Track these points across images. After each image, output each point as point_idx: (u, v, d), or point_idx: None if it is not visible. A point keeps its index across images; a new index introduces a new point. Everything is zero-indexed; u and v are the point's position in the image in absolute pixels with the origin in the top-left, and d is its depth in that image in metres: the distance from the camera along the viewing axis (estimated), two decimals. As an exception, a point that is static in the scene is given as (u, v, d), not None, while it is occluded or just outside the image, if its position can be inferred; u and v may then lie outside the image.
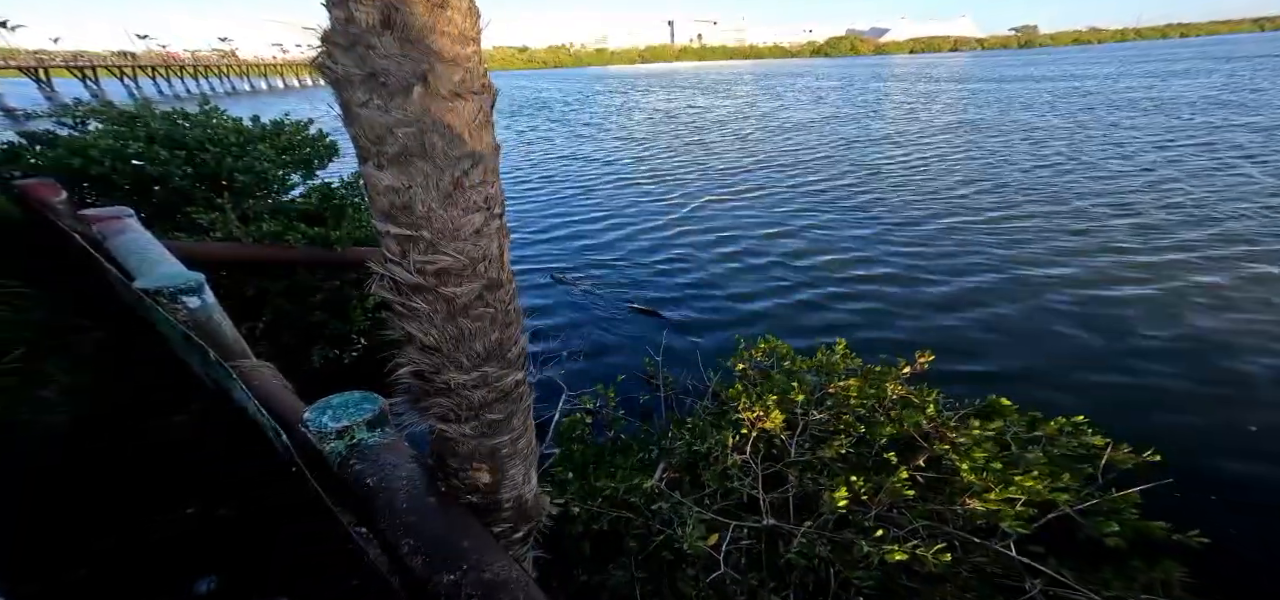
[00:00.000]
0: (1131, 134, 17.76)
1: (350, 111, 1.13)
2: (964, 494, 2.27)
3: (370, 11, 1.02)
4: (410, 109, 1.10)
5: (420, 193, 1.22)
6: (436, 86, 1.11)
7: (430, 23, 1.06)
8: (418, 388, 1.66)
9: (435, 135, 1.15)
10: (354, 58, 1.05)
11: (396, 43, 1.04)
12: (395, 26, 1.03)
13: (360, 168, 1.25)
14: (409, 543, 1.82)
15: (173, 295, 3.27)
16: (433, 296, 1.42)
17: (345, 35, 1.05)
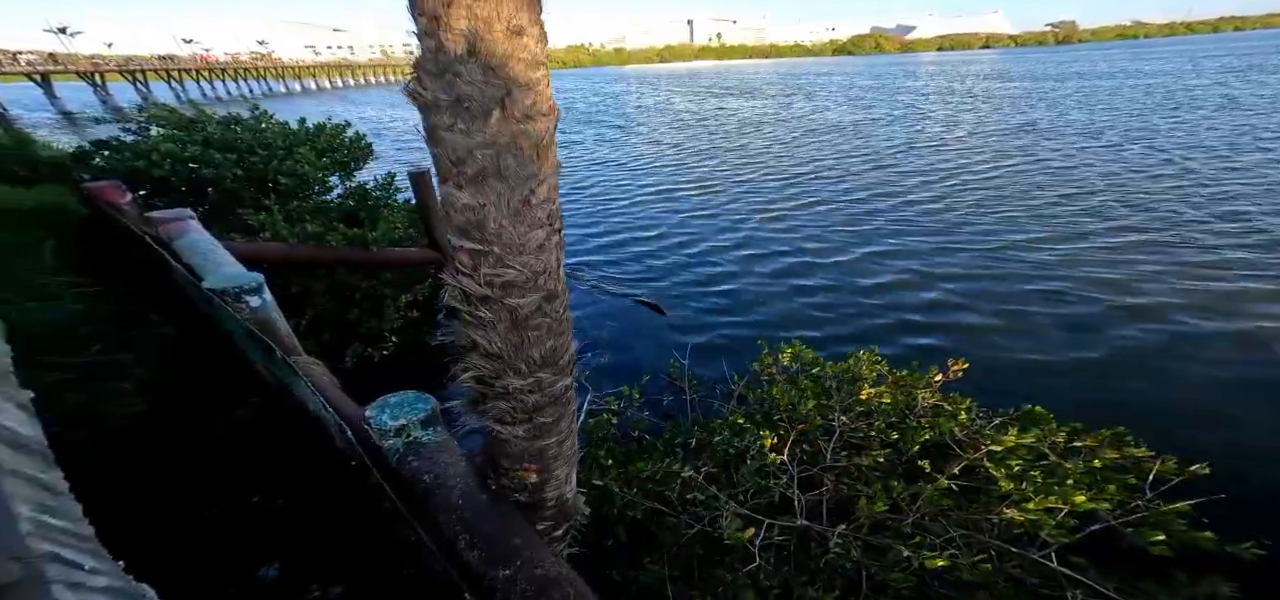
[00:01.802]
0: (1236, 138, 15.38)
1: (435, 134, 1.24)
2: (1000, 502, 2.28)
3: (458, 41, 1.12)
4: (489, 131, 1.20)
5: (492, 210, 1.32)
6: (512, 110, 1.21)
7: (509, 50, 1.16)
8: (478, 392, 1.78)
9: (509, 156, 1.25)
10: (442, 84, 1.16)
11: (480, 70, 1.14)
12: (479, 54, 1.13)
13: (440, 188, 1.37)
14: (465, 538, 1.95)
15: (237, 295, 3.50)
16: (498, 307, 1.53)
17: (435, 63, 1.15)
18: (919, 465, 2.71)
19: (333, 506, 2.96)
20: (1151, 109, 22.49)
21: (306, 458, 3.12)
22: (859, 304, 7.60)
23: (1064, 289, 7.52)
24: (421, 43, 1.17)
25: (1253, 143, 15.03)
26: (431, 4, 1.10)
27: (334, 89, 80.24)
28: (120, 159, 5.96)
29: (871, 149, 17.93)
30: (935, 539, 2.14)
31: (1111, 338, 6.28)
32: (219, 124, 6.86)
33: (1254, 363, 5.51)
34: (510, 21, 1.14)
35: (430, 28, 1.13)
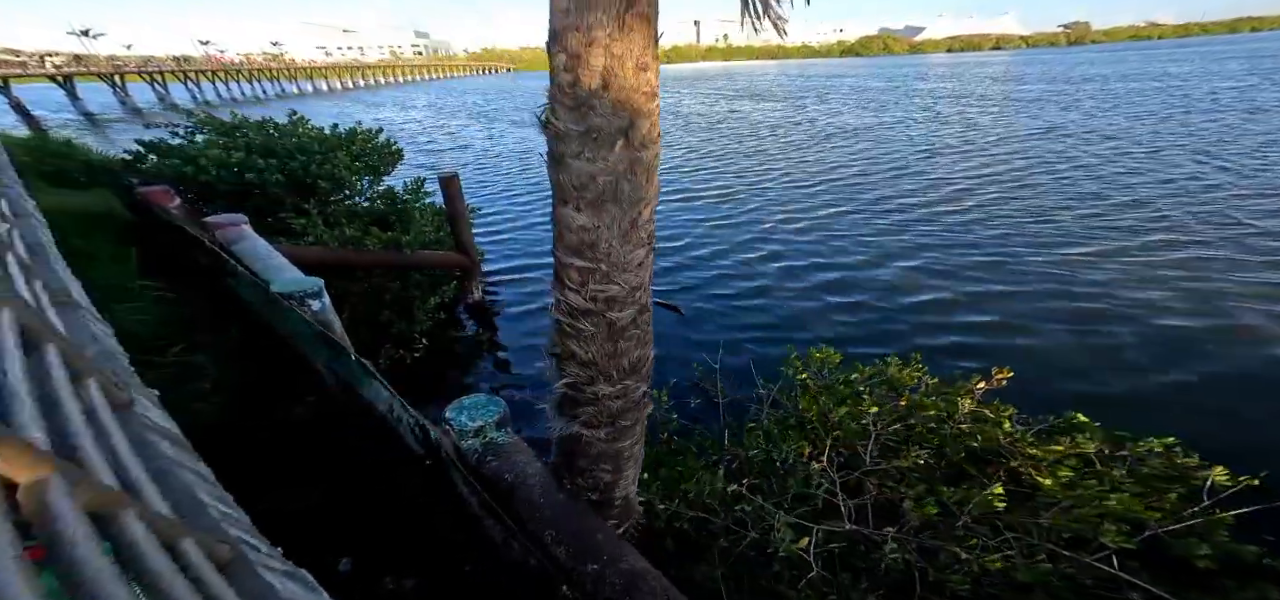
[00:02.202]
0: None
1: (562, 162, 1.37)
2: (1049, 508, 2.38)
3: (594, 77, 1.25)
4: (612, 159, 1.33)
5: (605, 231, 1.45)
6: (633, 138, 1.34)
7: (636, 84, 1.29)
8: (568, 398, 1.91)
9: (625, 182, 1.38)
10: (575, 116, 1.29)
11: (611, 103, 1.27)
12: (611, 88, 1.26)
13: (557, 210, 1.50)
14: (551, 534, 2.09)
15: (301, 299, 3.67)
16: (598, 320, 1.66)
17: (572, 97, 1.28)
18: (965, 470, 2.81)
19: (397, 502, 3.10)
20: (1176, 112, 22.06)
21: (372, 455, 3.26)
22: (885, 310, 7.57)
23: (1098, 294, 7.45)
24: (557, 78, 1.31)
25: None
26: (573, 44, 1.23)
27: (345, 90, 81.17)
28: (168, 163, 6.19)
29: (892, 154, 17.75)
30: (990, 541, 2.25)
31: (1154, 348, 6.20)
32: (257, 128, 7.08)
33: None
34: (639, 58, 1.27)
35: (570, 65, 1.27)
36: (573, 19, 1.19)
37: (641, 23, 1.22)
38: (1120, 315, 6.91)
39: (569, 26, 1.20)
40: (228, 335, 3.96)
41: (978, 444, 2.91)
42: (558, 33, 1.24)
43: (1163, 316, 6.80)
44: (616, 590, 1.82)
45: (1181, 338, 6.39)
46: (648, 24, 1.25)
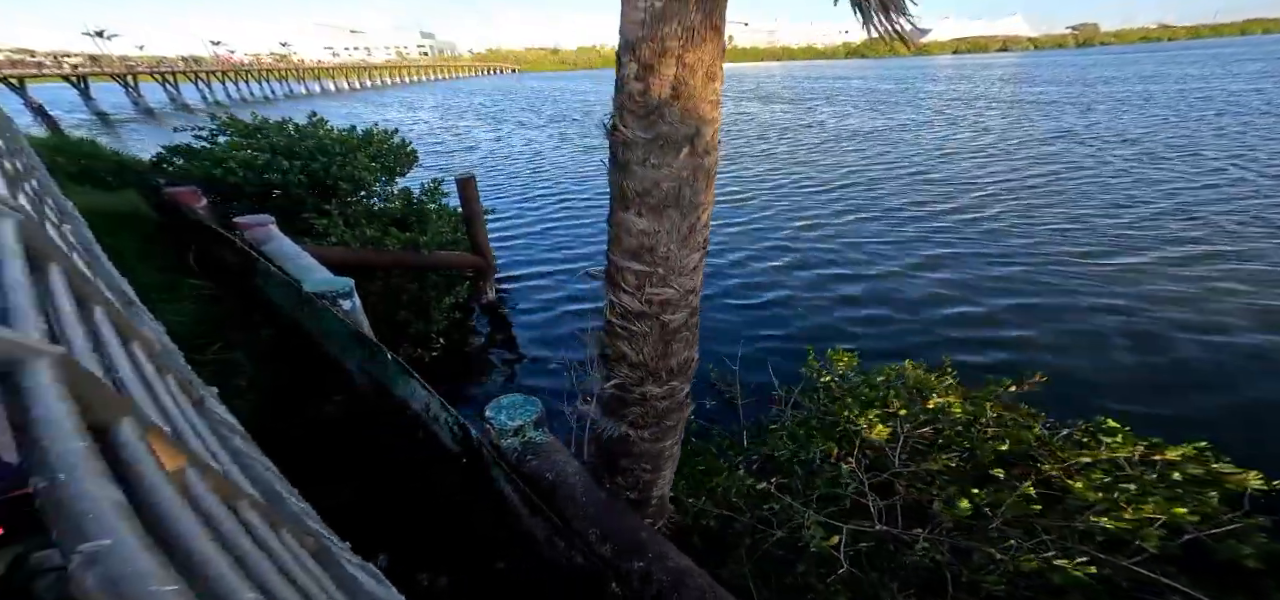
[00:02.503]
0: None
1: (627, 168, 1.41)
2: (1080, 511, 2.40)
3: (664, 86, 1.30)
4: (677, 166, 1.38)
5: (665, 236, 1.50)
6: (698, 145, 1.38)
7: (705, 93, 1.33)
8: (617, 398, 1.96)
9: (687, 187, 1.43)
10: (644, 124, 1.33)
11: (680, 111, 1.31)
12: (681, 97, 1.30)
13: (615, 215, 1.55)
14: (596, 532, 2.14)
15: (333, 298, 3.74)
16: (652, 322, 1.71)
17: (642, 105, 1.32)
18: (993, 473, 2.83)
19: (432, 499, 3.15)
20: (1206, 114, 21.61)
21: (405, 452, 3.32)
22: (907, 320, 7.43)
23: (1124, 303, 7.32)
24: (627, 87, 1.35)
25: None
26: (646, 54, 1.28)
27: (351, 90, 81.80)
28: (196, 165, 6.29)
29: (908, 157, 17.48)
30: (1025, 543, 2.27)
31: (1180, 353, 6.11)
32: (278, 129, 7.19)
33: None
34: (709, 68, 1.32)
35: (641, 74, 1.31)
36: (647, 30, 1.23)
37: (714, 34, 1.26)
38: (1161, 329, 6.64)
39: (643, 38, 1.25)
40: (259, 334, 4.03)
41: (1006, 447, 2.93)
42: (631, 43, 1.28)
43: (1218, 332, 6.49)
44: (664, 587, 1.87)
45: (1234, 352, 6.17)
46: (719, 35, 1.29)
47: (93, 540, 0.43)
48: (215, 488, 0.93)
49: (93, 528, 0.44)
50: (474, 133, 28.15)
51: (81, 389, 0.75)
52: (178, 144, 6.89)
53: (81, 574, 0.40)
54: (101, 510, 0.46)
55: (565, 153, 21.34)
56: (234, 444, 1.59)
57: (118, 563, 0.41)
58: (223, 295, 4.63)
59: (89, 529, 0.44)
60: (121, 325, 1.57)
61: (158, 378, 1.48)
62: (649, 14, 1.22)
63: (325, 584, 1.05)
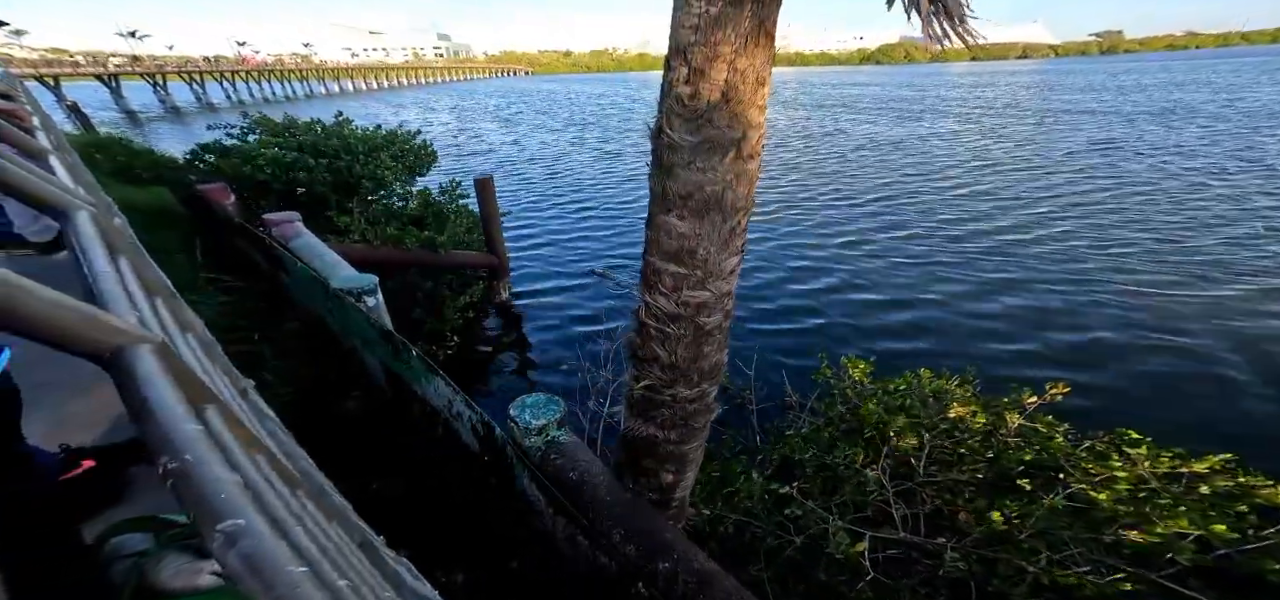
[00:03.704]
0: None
1: (671, 171, 1.43)
2: (1107, 524, 2.37)
3: (714, 91, 1.32)
4: (721, 169, 1.40)
5: (705, 239, 1.52)
6: (743, 149, 1.40)
7: (753, 98, 1.35)
8: (646, 400, 1.98)
9: (730, 191, 1.44)
10: (691, 127, 1.35)
11: (728, 115, 1.33)
12: (731, 102, 1.32)
13: (655, 218, 1.57)
14: (620, 532, 2.16)
15: (358, 295, 3.83)
16: (686, 324, 1.73)
17: (690, 109, 1.34)
18: (1019, 484, 2.80)
19: (452, 497, 3.20)
20: (1248, 127, 20.37)
21: (426, 450, 3.37)
22: (947, 346, 6.95)
23: (1183, 325, 6.73)
24: (675, 91, 1.37)
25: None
26: (698, 59, 1.30)
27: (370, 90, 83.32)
28: (227, 162, 6.47)
29: (938, 168, 16.51)
30: (1054, 555, 2.25)
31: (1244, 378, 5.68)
32: (305, 128, 7.36)
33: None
34: (759, 73, 1.34)
35: (691, 79, 1.33)
36: (701, 36, 1.25)
37: (767, 40, 1.28)
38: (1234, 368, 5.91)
39: (695, 43, 1.27)
40: (286, 329, 4.13)
41: (1031, 458, 2.89)
42: (682, 48, 1.31)
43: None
44: (691, 588, 1.88)
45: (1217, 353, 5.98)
46: (771, 41, 1.31)
47: (227, 520, 0.46)
48: (283, 477, 0.97)
49: (225, 508, 0.47)
50: (490, 135, 28.31)
51: (178, 374, 0.80)
52: (209, 142, 7.09)
53: (224, 552, 0.44)
54: (231, 492, 0.50)
55: (581, 156, 21.21)
56: (279, 436, 1.64)
57: (254, 542, 0.44)
58: (248, 289, 4.76)
59: (222, 509, 0.48)
60: (178, 315, 1.64)
61: (212, 366, 1.54)
62: (703, 19, 1.24)
63: (373, 576, 1.09)
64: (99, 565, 1.03)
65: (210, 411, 0.81)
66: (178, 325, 1.51)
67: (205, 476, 0.51)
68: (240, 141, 7.04)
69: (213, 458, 0.56)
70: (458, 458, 3.14)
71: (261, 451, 0.93)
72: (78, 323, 0.74)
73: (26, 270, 1.68)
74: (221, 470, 0.54)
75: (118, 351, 0.75)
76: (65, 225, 1.53)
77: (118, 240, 1.71)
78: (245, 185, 6.39)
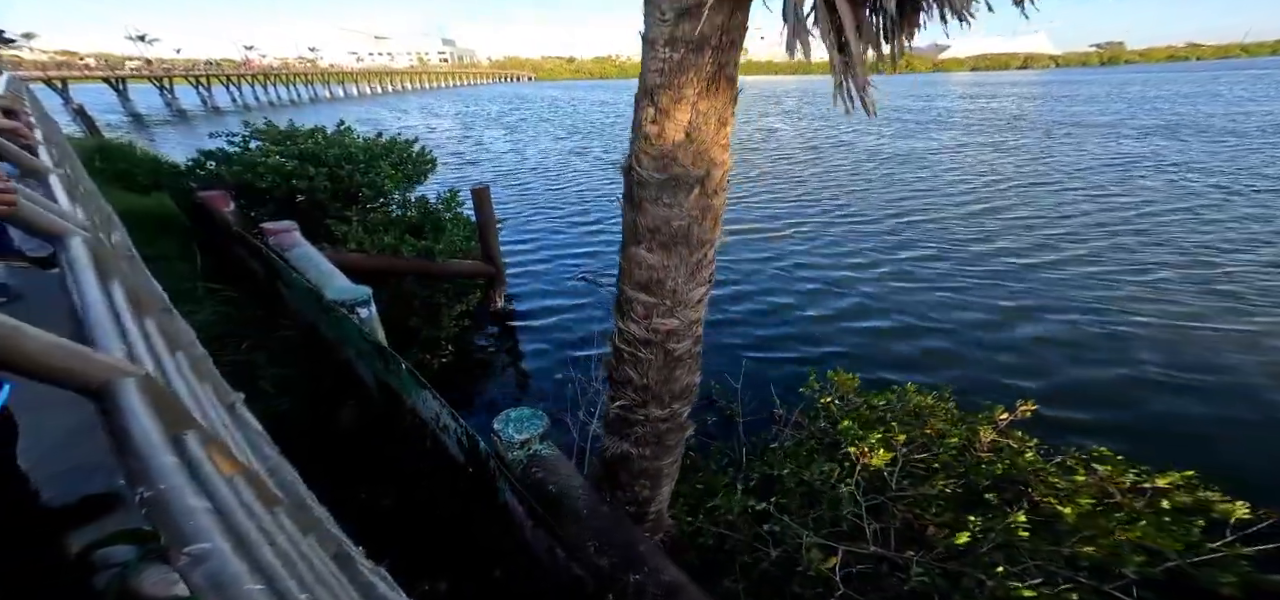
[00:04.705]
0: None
1: (640, 206, 1.53)
2: (1070, 537, 2.44)
3: (679, 131, 1.41)
4: (688, 205, 1.49)
5: (674, 271, 1.61)
6: (708, 186, 1.50)
7: (716, 137, 1.44)
8: (621, 418, 2.06)
9: (696, 226, 1.54)
10: (658, 165, 1.45)
11: (692, 154, 1.42)
12: (695, 141, 1.42)
13: (627, 249, 1.67)
14: (595, 544, 2.24)
15: (351, 307, 3.92)
16: (657, 350, 1.82)
17: (656, 148, 1.44)
18: (986, 498, 2.88)
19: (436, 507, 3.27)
20: (1265, 142, 19.72)
21: (413, 461, 3.45)
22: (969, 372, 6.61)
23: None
24: (644, 130, 1.47)
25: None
26: (664, 101, 1.39)
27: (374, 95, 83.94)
28: (229, 170, 6.59)
29: (949, 182, 15.94)
30: (1014, 568, 2.32)
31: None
32: (307, 136, 7.48)
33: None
34: (721, 114, 1.43)
35: (658, 119, 1.44)
36: (665, 80, 1.35)
37: (727, 84, 1.38)
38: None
39: (661, 86, 1.37)
40: (282, 338, 4.22)
41: (1000, 472, 2.97)
42: (650, 90, 1.40)
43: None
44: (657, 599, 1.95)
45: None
46: (732, 85, 1.40)
47: (194, 543, 0.55)
48: (260, 495, 1.06)
49: (193, 533, 0.56)
50: (491, 144, 28.19)
51: (160, 403, 0.89)
52: (212, 149, 7.21)
53: (190, 572, 0.52)
54: (198, 518, 0.59)
55: (583, 165, 21.02)
56: (263, 449, 1.73)
57: (218, 563, 0.53)
58: (243, 298, 4.85)
59: (190, 534, 0.57)
60: (169, 334, 1.73)
61: (199, 385, 1.63)
62: (668, 64, 1.34)
63: (347, 589, 1.17)
64: (85, 574, 1.12)
65: (190, 438, 0.90)
66: (168, 346, 1.60)
67: (176, 504, 0.60)
68: (242, 149, 7.16)
69: (186, 486, 0.65)
70: (445, 469, 3.21)
71: (240, 471, 1.02)
72: (68, 360, 0.84)
73: (25, 284, 1.81)
74: (193, 498, 0.63)
75: (104, 386, 0.84)
76: (59, 250, 1.62)
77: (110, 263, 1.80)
78: (245, 192, 6.51)
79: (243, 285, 5.28)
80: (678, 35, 1.30)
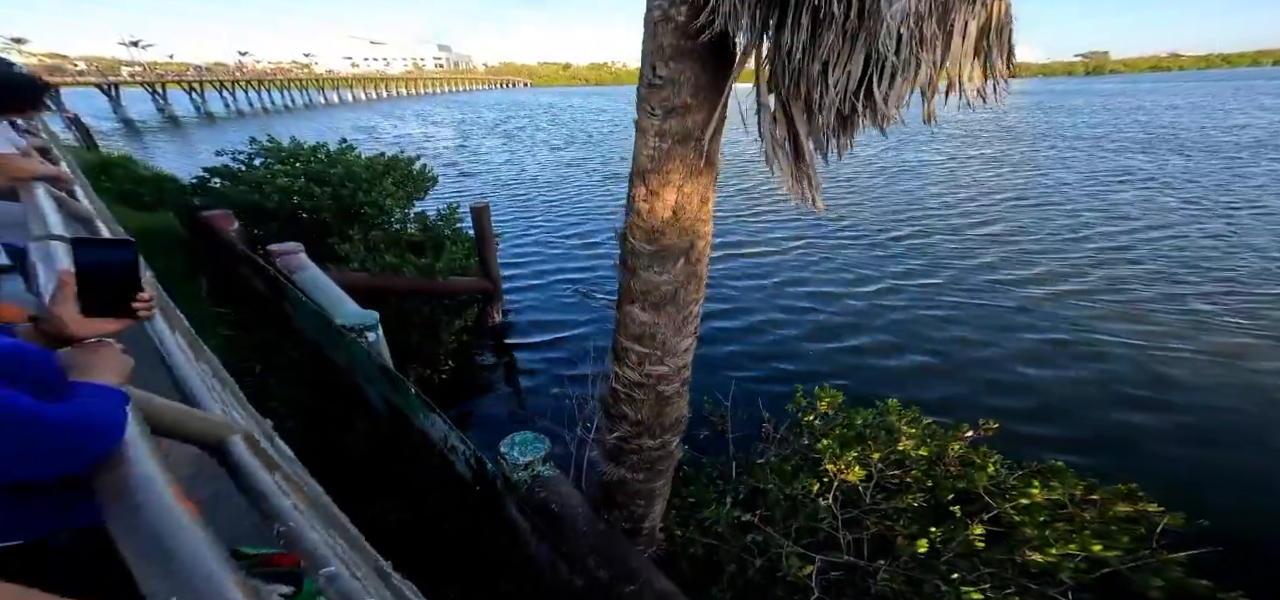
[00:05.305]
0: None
1: (634, 272, 1.79)
2: (1023, 546, 2.71)
3: (666, 209, 1.67)
4: (675, 272, 1.75)
5: (663, 327, 1.87)
6: (692, 255, 1.75)
7: (699, 213, 1.71)
8: (618, 448, 2.31)
9: (682, 289, 1.80)
10: (648, 237, 1.71)
11: (678, 229, 1.68)
12: (680, 218, 1.67)
13: (623, 307, 1.92)
14: (594, 558, 2.48)
15: (360, 332, 4.14)
16: (650, 391, 2.07)
17: (646, 223, 1.70)
18: (951, 510, 3.15)
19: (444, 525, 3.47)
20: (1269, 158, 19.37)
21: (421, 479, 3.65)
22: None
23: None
24: (636, 206, 1.73)
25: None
26: (654, 183, 1.66)
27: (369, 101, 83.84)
28: (234, 188, 6.77)
29: (948, 201, 15.61)
30: (970, 576, 2.59)
31: None
32: (310, 154, 7.67)
33: None
34: (703, 194, 1.70)
35: (648, 198, 1.70)
36: (655, 165, 1.61)
37: (709, 168, 1.64)
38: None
39: (651, 170, 1.63)
40: (290, 360, 4.42)
41: (964, 487, 3.25)
42: (642, 172, 1.66)
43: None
44: (650, 606, 2.19)
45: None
46: (713, 167, 1.67)
47: (326, 567, 0.80)
48: (324, 519, 1.31)
49: (323, 559, 0.81)
50: (489, 155, 27.72)
51: (256, 450, 1.15)
52: (216, 166, 7.39)
53: (328, 589, 0.76)
54: (321, 548, 0.84)
55: (581, 178, 20.84)
56: (302, 475, 1.96)
57: (344, 583, 0.77)
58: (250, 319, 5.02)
59: (320, 559, 0.81)
60: (237, 396, 1.98)
61: (243, 416, 1.87)
62: (657, 152, 1.60)
63: (387, 598, 1.41)
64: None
65: (278, 477, 1.15)
66: (238, 406, 1.84)
67: (304, 536, 0.85)
68: (246, 166, 7.33)
69: (302, 521, 0.90)
70: (452, 486, 3.43)
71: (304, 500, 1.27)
72: (194, 422, 1.09)
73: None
74: (311, 531, 0.88)
75: (221, 443, 1.09)
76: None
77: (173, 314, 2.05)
78: (250, 211, 6.68)
79: (248, 305, 5.46)
80: (666, 128, 1.56)
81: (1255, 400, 6.36)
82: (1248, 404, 6.30)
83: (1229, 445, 5.63)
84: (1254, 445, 5.63)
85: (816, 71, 1.21)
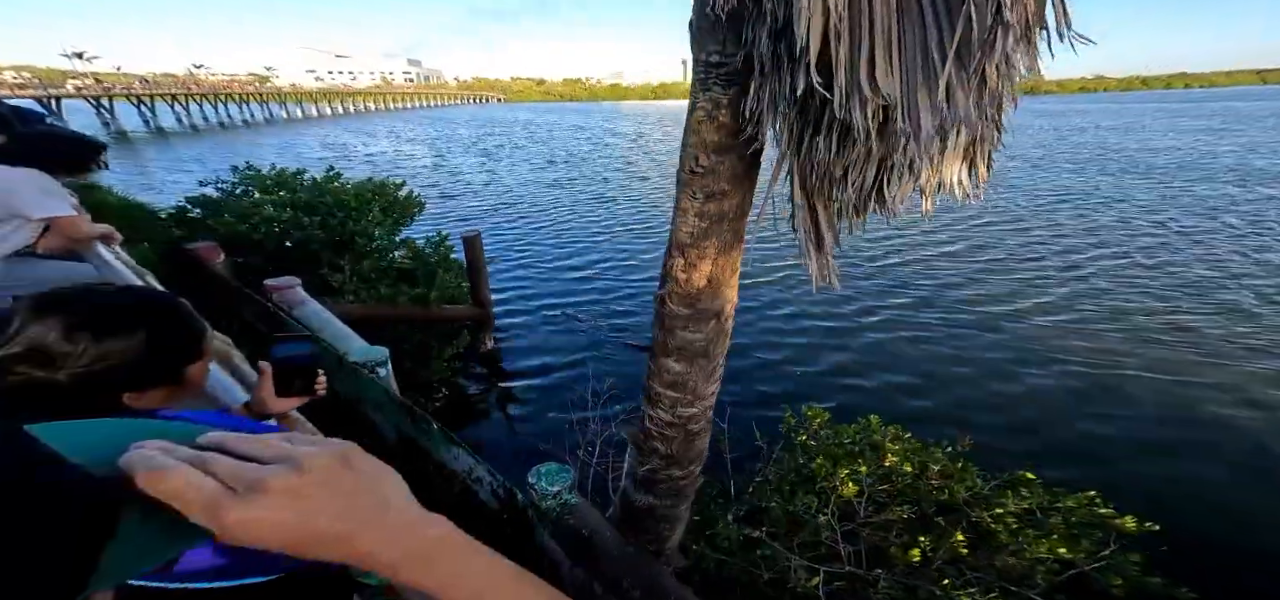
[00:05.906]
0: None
1: (671, 331, 2.04)
2: (1002, 552, 3.08)
3: (702, 279, 1.92)
4: (707, 331, 2.01)
5: (694, 375, 2.12)
6: (722, 314, 2.01)
7: (731, 282, 1.97)
8: (649, 479, 2.53)
9: (713, 345, 2.05)
10: (685, 303, 1.96)
11: (712, 295, 1.94)
12: (715, 285, 1.93)
13: (657, 359, 2.16)
14: (628, 580, 2.68)
15: (371, 367, 4.21)
16: (679, 430, 2.31)
17: (684, 290, 1.95)
18: (935, 520, 3.51)
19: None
20: (1220, 180, 20.11)
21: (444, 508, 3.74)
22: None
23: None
24: (674, 275, 1.99)
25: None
26: (692, 256, 1.92)
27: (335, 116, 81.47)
28: (219, 219, 6.63)
29: (908, 224, 14.97)
30: (958, 581, 2.93)
31: None
32: (293, 181, 7.58)
33: None
34: (734, 265, 1.98)
35: (686, 269, 1.96)
36: (693, 241, 1.88)
37: (739, 241, 1.92)
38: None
39: (689, 245, 1.90)
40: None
41: (944, 499, 3.63)
42: (681, 246, 1.93)
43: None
44: (683, 626, 2.42)
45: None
46: (741, 240, 1.95)
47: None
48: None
49: None
50: (469, 175, 26.87)
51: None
52: (198, 195, 7.22)
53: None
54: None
55: (565, 198, 20.92)
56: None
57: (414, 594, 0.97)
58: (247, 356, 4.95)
59: None
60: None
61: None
62: (696, 230, 1.87)
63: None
64: None
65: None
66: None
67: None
68: (229, 195, 7.19)
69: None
70: (476, 515, 3.55)
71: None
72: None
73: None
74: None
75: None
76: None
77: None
78: (235, 243, 6.56)
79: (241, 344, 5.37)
80: (706, 210, 1.83)
81: (1202, 413, 7.07)
82: (1195, 415, 7.00)
83: (1182, 455, 6.25)
84: (1200, 452, 6.31)
85: (839, 174, 1.51)
